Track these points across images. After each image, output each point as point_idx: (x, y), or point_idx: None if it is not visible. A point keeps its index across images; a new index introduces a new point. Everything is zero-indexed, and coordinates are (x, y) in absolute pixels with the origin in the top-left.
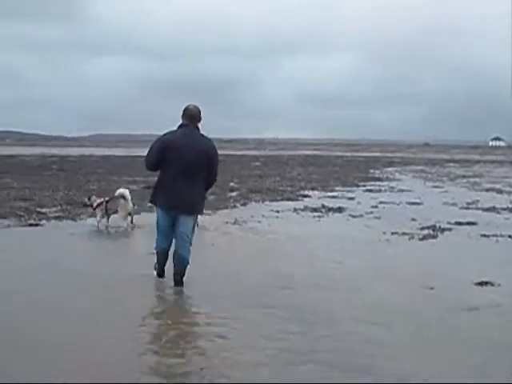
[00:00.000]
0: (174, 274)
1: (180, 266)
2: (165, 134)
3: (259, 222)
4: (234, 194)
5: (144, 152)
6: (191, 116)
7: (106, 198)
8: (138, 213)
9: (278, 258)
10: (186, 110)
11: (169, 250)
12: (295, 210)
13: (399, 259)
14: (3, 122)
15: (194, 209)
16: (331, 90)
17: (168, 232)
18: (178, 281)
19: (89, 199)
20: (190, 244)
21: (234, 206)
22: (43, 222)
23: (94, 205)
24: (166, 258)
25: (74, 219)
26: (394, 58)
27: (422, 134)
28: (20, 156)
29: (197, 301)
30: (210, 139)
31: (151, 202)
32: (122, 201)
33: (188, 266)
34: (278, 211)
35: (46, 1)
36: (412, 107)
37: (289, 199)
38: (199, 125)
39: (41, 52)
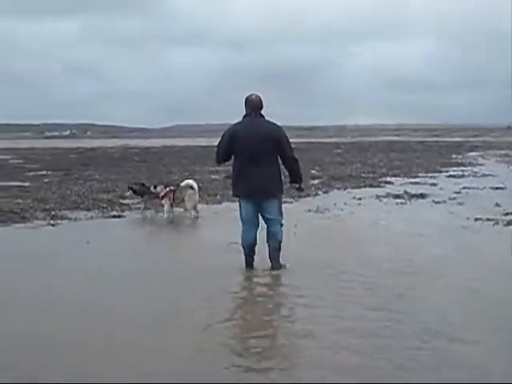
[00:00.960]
0: (270, 254)
1: (274, 242)
2: (230, 127)
3: (342, 209)
4: (315, 181)
5: None
6: (253, 105)
7: (172, 188)
8: (219, 202)
9: (369, 245)
10: (247, 99)
11: (255, 244)
12: (377, 196)
13: (485, 244)
14: (85, 115)
15: (271, 191)
16: (410, 75)
17: (252, 223)
18: (275, 260)
19: (155, 188)
20: (281, 224)
21: (316, 194)
22: (126, 213)
23: (161, 194)
24: (253, 251)
25: (155, 210)
26: (472, 42)
27: (504, 117)
28: (102, 148)
29: (295, 291)
30: (274, 123)
31: (234, 195)
32: (189, 191)
33: (281, 244)
34: (360, 198)
35: None
36: (493, 91)
37: (371, 186)
38: (262, 112)
39: (121, 45)
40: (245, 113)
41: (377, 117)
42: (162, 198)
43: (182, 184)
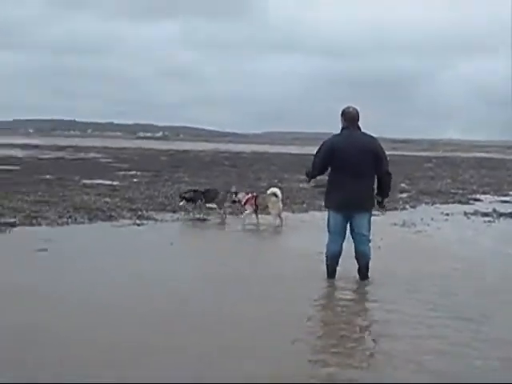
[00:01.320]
0: (359, 270)
1: (363, 261)
2: (329, 139)
3: (428, 224)
4: (404, 195)
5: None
6: (351, 118)
7: (254, 194)
8: (306, 211)
9: (453, 262)
10: (344, 112)
11: (340, 254)
12: (465, 213)
13: None
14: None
15: (364, 205)
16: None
17: (339, 234)
18: (364, 275)
19: (235, 195)
20: (369, 241)
21: (404, 208)
22: (210, 217)
23: (243, 200)
24: (337, 262)
25: (239, 216)
26: None
27: None
28: (193, 151)
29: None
30: (372, 136)
31: (326, 206)
32: (273, 198)
33: (370, 261)
34: (447, 214)
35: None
36: None
37: (459, 202)
38: (359, 124)
39: (217, 50)
40: (341, 125)
41: (470, 132)
42: (245, 204)
43: (268, 192)
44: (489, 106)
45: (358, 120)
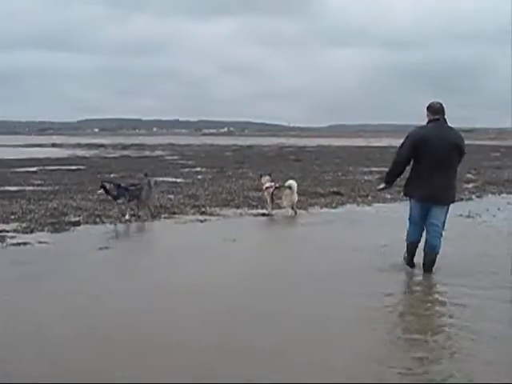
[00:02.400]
0: (424, 263)
1: (430, 255)
2: (415, 131)
3: (494, 215)
4: (469, 185)
5: (381, 142)
6: (436, 111)
7: (276, 184)
8: (370, 204)
9: None
10: (430, 106)
11: (419, 241)
12: None
13: None
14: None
15: (447, 199)
16: None
17: (420, 223)
18: (428, 268)
19: (260, 177)
20: (441, 235)
21: (470, 198)
22: (274, 211)
23: (264, 186)
24: (416, 249)
25: (306, 209)
26: None
27: None
28: (258, 146)
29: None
30: (457, 131)
31: (405, 194)
32: (287, 191)
33: (437, 256)
34: None
35: None
36: None
37: None
38: (445, 118)
39: (278, 45)
40: (428, 118)
41: None
42: (265, 190)
43: (286, 184)
44: None
45: (444, 114)
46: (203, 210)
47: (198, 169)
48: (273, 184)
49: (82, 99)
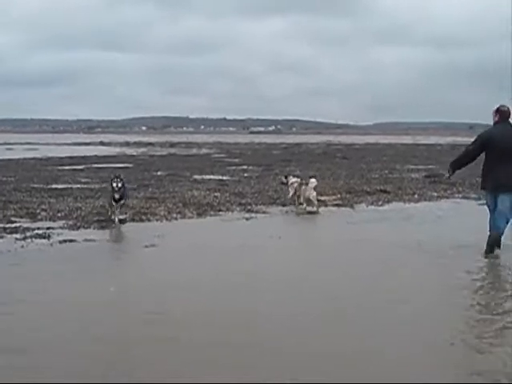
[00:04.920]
0: (488, 243)
1: (494, 236)
2: (485, 131)
3: None
4: None
5: (429, 140)
6: (503, 114)
7: (300, 181)
8: (417, 201)
9: None
10: (498, 110)
11: (502, 233)
12: None
13: None
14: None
15: (509, 186)
16: None
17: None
18: (490, 248)
19: (285, 177)
20: (507, 220)
21: None
22: (321, 209)
23: (289, 183)
24: (496, 239)
25: (352, 207)
26: None
27: None
28: (305, 144)
29: None
30: None
31: (482, 188)
32: (304, 187)
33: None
34: None
35: None
36: None
37: None
38: (510, 120)
39: (326, 43)
40: (496, 119)
41: None
42: (291, 184)
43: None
44: None
45: (509, 116)
46: (249, 207)
47: (245, 167)
48: (298, 180)
49: (131, 98)
